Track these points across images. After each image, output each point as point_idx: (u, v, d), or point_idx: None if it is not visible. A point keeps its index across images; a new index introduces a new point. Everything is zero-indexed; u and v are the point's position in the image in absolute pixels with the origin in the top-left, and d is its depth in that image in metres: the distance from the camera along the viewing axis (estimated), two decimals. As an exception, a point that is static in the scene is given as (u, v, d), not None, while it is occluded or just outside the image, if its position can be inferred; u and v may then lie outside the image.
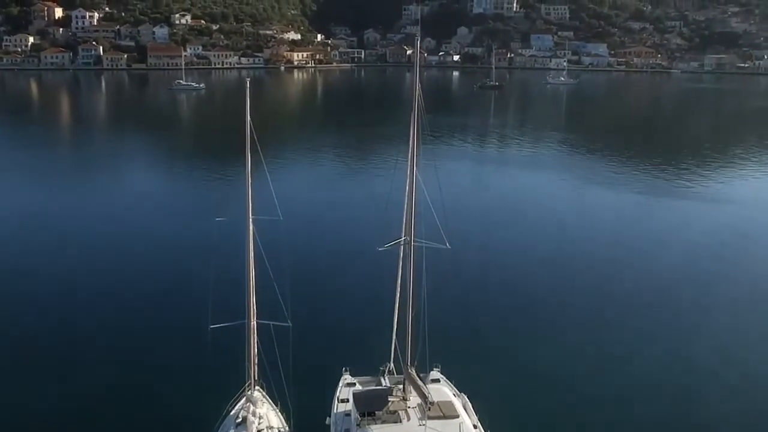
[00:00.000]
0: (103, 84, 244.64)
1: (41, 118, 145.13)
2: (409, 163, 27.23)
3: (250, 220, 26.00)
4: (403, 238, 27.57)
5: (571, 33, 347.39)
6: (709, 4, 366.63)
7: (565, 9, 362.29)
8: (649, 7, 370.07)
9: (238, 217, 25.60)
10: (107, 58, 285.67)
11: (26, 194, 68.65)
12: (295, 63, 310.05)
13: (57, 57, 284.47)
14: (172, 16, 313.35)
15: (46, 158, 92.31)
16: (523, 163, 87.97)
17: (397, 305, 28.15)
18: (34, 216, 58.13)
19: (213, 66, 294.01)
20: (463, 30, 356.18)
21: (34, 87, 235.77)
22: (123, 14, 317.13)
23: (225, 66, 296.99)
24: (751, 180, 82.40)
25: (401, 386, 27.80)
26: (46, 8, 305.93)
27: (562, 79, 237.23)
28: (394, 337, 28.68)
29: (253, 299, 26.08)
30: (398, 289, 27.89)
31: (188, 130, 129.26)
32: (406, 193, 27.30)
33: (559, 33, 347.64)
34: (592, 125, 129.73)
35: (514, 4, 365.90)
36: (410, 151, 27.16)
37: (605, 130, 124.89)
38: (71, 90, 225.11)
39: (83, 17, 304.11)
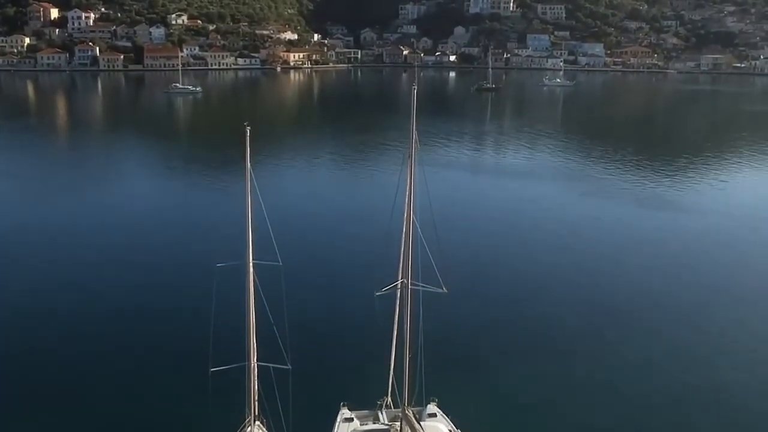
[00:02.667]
0: (99, 86, 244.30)
1: (34, 124, 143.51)
2: (406, 208, 27.81)
3: (251, 264, 26.61)
4: (399, 281, 28.18)
5: (568, 33, 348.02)
6: (705, 3, 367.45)
7: (561, 8, 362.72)
8: (645, 6, 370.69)
9: (238, 261, 26.19)
10: (104, 59, 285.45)
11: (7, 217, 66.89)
12: (292, 64, 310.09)
13: (53, 58, 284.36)
14: (168, 16, 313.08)
15: (30, 174, 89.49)
16: (521, 177, 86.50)
17: (394, 343, 28.75)
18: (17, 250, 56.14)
19: (209, 67, 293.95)
20: (459, 30, 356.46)
21: (30, 89, 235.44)
22: (119, 15, 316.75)
23: (222, 67, 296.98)
24: (746, 190, 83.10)
25: (398, 425, 28.40)
26: (41, 9, 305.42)
27: (558, 80, 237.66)
28: (391, 373, 29.30)
29: (253, 341, 26.65)
30: (395, 328, 28.52)
31: (184, 141, 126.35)
32: (403, 235, 27.90)
33: (556, 33, 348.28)
34: (589, 133, 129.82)
35: (511, 4, 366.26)
36: (407, 194, 27.70)
37: (603, 137, 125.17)
38: (67, 93, 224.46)
39: (79, 18, 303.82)
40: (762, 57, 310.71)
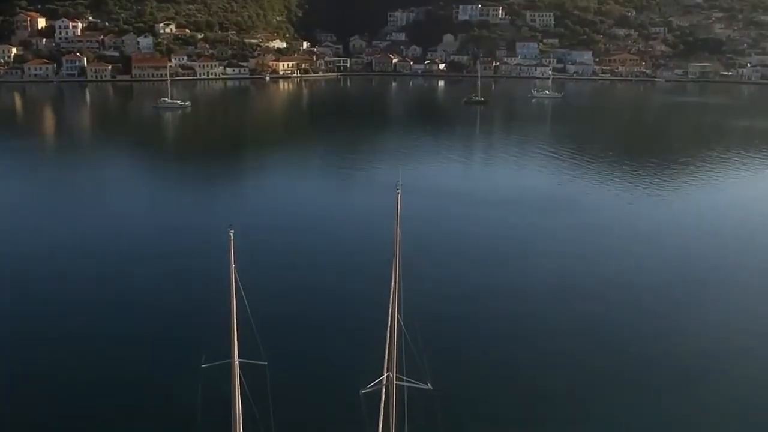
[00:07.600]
0: (87, 99, 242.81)
1: (17, 147, 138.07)
2: (390, 304, 28.06)
3: (236, 363, 26.85)
4: (385, 376, 28.45)
5: (557, 40, 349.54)
6: (694, 9, 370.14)
7: (550, 15, 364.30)
8: (634, 12, 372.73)
9: (223, 360, 26.44)
10: (91, 70, 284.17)
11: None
12: (281, 73, 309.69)
13: (41, 69, 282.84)
14: (156, 25, 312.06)
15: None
16: (511, 215, 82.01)
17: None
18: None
19: (198, 77, 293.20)
20: (448, 37, 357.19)
21: (17, 101, 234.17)
22: (107, 24, 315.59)
23: (210, 77, 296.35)
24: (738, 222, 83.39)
25: None
26: (29, 18, 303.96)
27: (547, 92, 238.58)
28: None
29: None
30: (380, 423, 28.75)
31: (172, 167, 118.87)
32: (388, 332, 28.14)
33: (545, 40, 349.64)
34: (578, 154, 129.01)
35: (500, 11, 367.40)
36: (391, 292, 27.97)
37: (592, 160, 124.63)
38: (54, 107, 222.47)
39: (66, 27, 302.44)
40: (749, 65, 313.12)
